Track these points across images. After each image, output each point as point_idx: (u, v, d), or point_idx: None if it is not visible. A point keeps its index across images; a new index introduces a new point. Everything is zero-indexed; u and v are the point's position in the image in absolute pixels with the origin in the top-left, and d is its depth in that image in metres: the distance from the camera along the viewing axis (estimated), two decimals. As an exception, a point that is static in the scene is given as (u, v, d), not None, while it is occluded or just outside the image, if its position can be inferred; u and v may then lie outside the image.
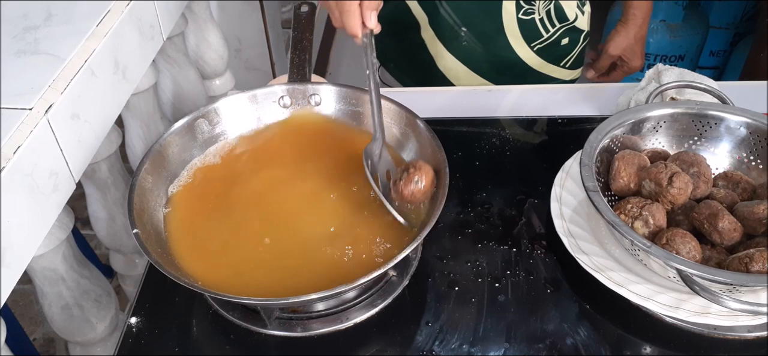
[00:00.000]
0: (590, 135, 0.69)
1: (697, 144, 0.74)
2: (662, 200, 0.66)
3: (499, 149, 0.83)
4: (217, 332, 0.63)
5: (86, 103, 0.72)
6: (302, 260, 0.63)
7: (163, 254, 0.62)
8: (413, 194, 0.64)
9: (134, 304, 0.66)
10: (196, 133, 0.74)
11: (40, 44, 0.73)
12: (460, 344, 0.61)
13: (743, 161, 0.73)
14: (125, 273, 1.02)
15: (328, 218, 0.66)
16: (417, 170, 0.64)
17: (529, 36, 0.97)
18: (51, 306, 0.78)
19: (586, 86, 0.96)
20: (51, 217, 0.67)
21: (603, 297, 0.63)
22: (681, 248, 0.60)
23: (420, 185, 0.64)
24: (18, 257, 0.62)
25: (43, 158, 0.65)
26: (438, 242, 0.71)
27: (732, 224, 0.63)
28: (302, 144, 0.75)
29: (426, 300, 0.65)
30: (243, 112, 0.77)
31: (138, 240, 0.59)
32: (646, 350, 0.61)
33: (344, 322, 0.63)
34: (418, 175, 0.64)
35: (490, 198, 0.76)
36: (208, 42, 1.23)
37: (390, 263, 0.57)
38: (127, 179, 0.94)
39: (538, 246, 0.70)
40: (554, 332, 0.62)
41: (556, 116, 0.89)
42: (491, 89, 0.97)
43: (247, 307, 0.64)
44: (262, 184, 0.71)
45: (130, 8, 0.81)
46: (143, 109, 0.97)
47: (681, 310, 0.60)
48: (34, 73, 0.69)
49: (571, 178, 0.72)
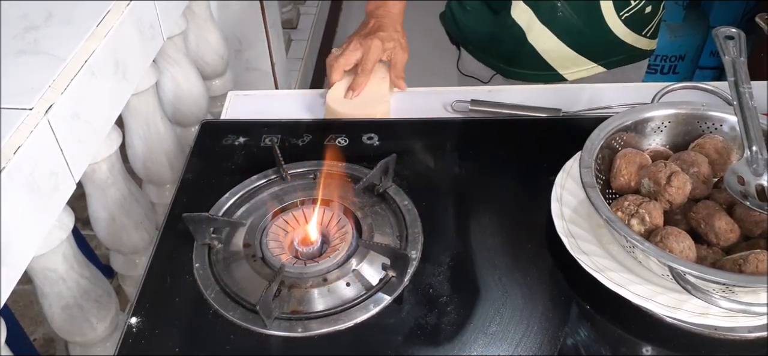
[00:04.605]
0: (592, 133, 0.70)
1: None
2: (661, 199, 0.66)
3: (500, 147, 0.83)
4: (217, 332, 0.63)
5: (86, 103, 0.72)
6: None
7: None
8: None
9: (134, 304, 0.66)
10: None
11: (41, 44, 0.73)
12: (460, 344, 0.61)
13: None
14: (125, 273, 1.02)
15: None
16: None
17: (620, 5, 1.01)
18: (51, 306, 0.78)
19: (590, 86, 0.97)
20: (51, 217, 0.67)
21: (603, 297, 0.63)
22: (675, 246, 0.60)
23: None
24: (18, 257, 0.62)
25: (43, 158, 0.65)
26: (438, 242, 0.71)
27: (729, 225, 0.63)
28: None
29: (426, 300, 0.65)
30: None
31: None
32: (646, 350, 0.61)
33: (344, 322, 0.63)
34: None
35: (491, 198, 0.76)
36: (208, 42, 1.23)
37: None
38: (127, 179, 0.94)
39: (538, 246, 0.70)
40: (554, 332, 0.62)
41: (559, 115, 0.89)
42: (491, 89, 0.97)
43: (246, 307, 0.64)
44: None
45: (130, 8, 0.81)
46: (143, 109, 0.97)
47: (681, 311, 0.60)
48: (34, 73, 0.69)
49: (571, 178, 0.73)
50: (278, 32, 1.82)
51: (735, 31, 0.73)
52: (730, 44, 0.72)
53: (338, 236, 0.69)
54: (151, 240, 0.97)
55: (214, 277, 0.67)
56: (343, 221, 0.71)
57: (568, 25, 1.02)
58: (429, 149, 0.83)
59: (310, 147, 0.83)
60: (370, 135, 0.84)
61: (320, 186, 0.76)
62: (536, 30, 1.04)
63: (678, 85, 0.80)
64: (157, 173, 1.08)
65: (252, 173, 0.78)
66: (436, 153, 0.82)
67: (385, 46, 0.94)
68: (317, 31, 2.55)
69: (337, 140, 0.84)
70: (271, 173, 0.78)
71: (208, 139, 0.85)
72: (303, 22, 2.49)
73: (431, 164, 0.81)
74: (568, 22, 1.02)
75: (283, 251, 0.68)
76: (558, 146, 0.77)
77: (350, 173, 0.78)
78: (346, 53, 0.93)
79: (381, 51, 0.93)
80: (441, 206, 0.75)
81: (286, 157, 0.79)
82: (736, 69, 0.69)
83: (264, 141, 0.84)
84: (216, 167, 0.81)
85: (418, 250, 0.69)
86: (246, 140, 0.84)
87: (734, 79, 0.69)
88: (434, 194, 0.76)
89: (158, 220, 1.01)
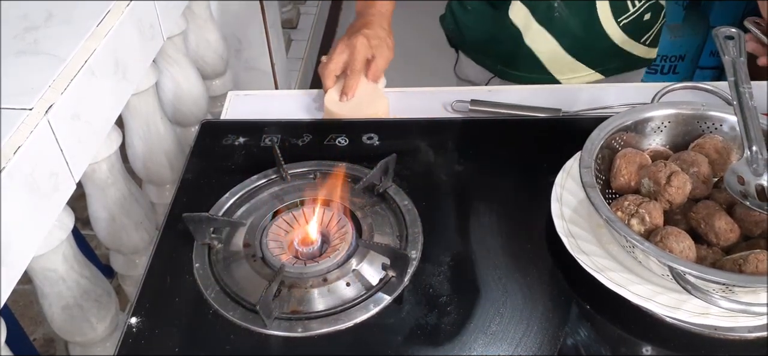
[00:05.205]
0: (592, 133, 0.70)
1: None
2: (660, 199, 0.66)
3: (500, 147, 0.83)
4: (217, 332, 0.63)
5: (86, 103, 0.72)
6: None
7: None
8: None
9: (134, 304, 0.66)
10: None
11: (40, 44, 0.73)
12: (460, 344, 0.61)
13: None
14: (125, 273, 1.03)
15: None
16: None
17: (617, 10, 1.01)
18: (51, 306, 0.78)
19: (590, 86, 0.97)
20: (51, 217, 0.67)
21: (603, 297, 0.63)
22: (674, 246, 0.60)
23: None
24: (18, 257, 0.62)
25: (43, 158, 0.65)
26: (438, 242, 0.71)
27: (728, 225, 0.63)
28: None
29: (426, 300, 0.65)
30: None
31: None
32: (646, 350, 0.61)
33: (344, 322, 0.63)
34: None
35: (491, 198, 0.76)
36: (208, 42, 1.23)
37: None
38: (127, 179, 0.94)
39: (538, 246, 0.70)
40: (554, 332, 0.62)
41: (559, 115, 0.89)
42: (491, 90, 0.97)
43: (246, 307, 0.64)
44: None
45: (130, 8, 0.81)
46: (143, 109, 0.97)
47: (681, 311, 0.60)
48: (34, 73, 0.69)
49: (571, 178, 0.73)
50: (278, 32, 1.82)
51: (735, 31, 0.73)
52: (730, 44, 0.72)
53: (338, 236, 0.69)
54: (151, 240, 0.97)
55: (214, 277, 0.67)
56: (343, 221, 0.71)
57: (565, 28, 1.02)
58: (429, 149, 0.83)
59: (310, 147, 0.83)
60: (370, 135, 0.84)
61: (320, 186, 0.76)
62: (533, 31, 1.03)
63: (678, 85, 0.80)
64: (157, 173, 1.08)
65: (252, 173, 0.78)
66: (436, 153, 0.82)
67: (371, 44, 0.92)
68: (317, 31, 2.55)
69: (337, 140, 0.84)
70: (271, 173, 0.78)
71: (208, 139, 0.85)
72: (303, 22, 2.49)
73: (431, 164, 0.81)
74: (565, 24, 1.02)
75: (283, 251, 0.68)
76: (558, 146, 0.77)
77: (350, 173, 0.78)
78: (334, 57, 0.92)
79: (368, 48, 0.92)
80: (441, 206, 0.75)
81: (286, 157, 0.79)
82: (736, 69, 0.70)
83: (264, 141, 0.84)
84: (216, 167, 0.81)
85: (418, 250, 0.69)
86: (246, 140, 0.84)
87: (734, 79, 0.69)
88: (434, 194, 0.76)
89: (158, 220, 1.01)
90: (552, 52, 1.04)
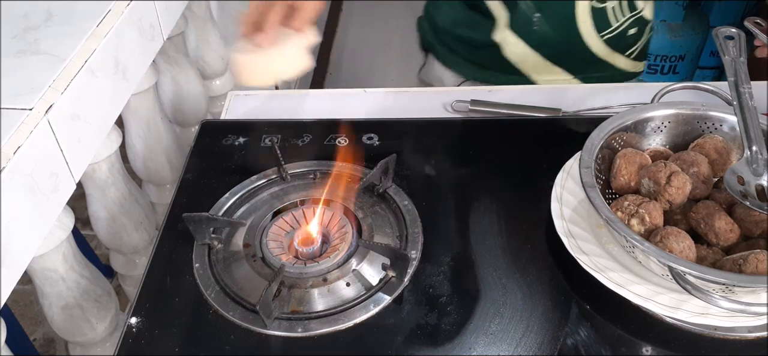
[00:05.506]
0: (592, 133, 0.70)
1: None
2: (660, 199, 0.66)
3: (500, 147, 0.83)
4: (217, 332, 0.63)
5: (86, 103, 0.72)
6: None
7: None
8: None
9: (134, 304, 0.66)
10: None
11: (40, 44, 0.73)
12: (460, 344, 0.61)
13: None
14: (125, 272, 1.03)
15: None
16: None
17: (600, 25, 0.98)
18: (51, 306, 0.78)
19: (590, 86, 0.96)
20: (51, 217, 0.67)
21: (603, 297, 0.63)
22: (674, 246, 0.60)
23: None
24: (18, 257, 0.62)
25: (43, 158, 0.65)
26: (438, 242, 0.71)
27: (728, 225, 0.63)
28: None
29: (426, 300, 0.65)
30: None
31: None
32: (646, 350, 0.61)
33: (344, 322, 0.63)
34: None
35: (491, 198, 0.76)
36: (208, 42, 1.23)
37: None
38: (127, 179, 0.94)
39: (538, 246, 0.70)
40: (554, 332, 0.62)
41: (559, 115, 0.89)
42: (491, 89, 0.97)
43: (246, 307, 0.64)
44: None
45: (130, 8, 0.81)
46: (143, 109, 0.97)
47: (681, 311, 0.60)
48: (34, 73, 0.69)
49: (571, 178, 0.73)
50: (278, 32, 1.81)
51: (735, 31, 0.73)
52: (730, 44, 0.72)
53: (338, 236, 0.69)
54: (151, 240, 0.97)
55: (214, 277, 0.67)
56: (343, 221, 0.71)
57: (544, 39, 0.99)
58: (429, 149, 0.83)
59: (310, 147, 0.83)
60: (370, 135, 0.84)
61: (320, 186, 0.76)
62: (511, 43, 1.00)
63: (678, 85, 0.80)
64: (157, 173, 1.08)
65: (252, 173, 0.78)
66: (436, 153, 0.82)
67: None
68: (317, 31, 2.55)
69: (337, 140, 0.84)
70: (271, 173, 0.78)
71: (208, 139, 0.85)
72: (303, 23, 2.48)
73: (431, 164, 0.81)
74: (544, 36, 0.98)
75: (283, 251, 0.69)
76: (558, 146, 0.77)
77: (350, 173, 0.78)
78: (251, 5, 0.74)
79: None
80: (441, 206, 0.75)
81: (286, 157, 0.79)
82: (736, 69, 0.70)
83: (264, 141, 0.84)
84: (216, 167, 0.81)
85: (418, 250, 0.69)
86: (246, 140, 0.85)
87: (734, 79, 0.69)
88: (434, 194, 0.76)
89: (158, 220, 1.01)
90: (532, 59, 1.01)
